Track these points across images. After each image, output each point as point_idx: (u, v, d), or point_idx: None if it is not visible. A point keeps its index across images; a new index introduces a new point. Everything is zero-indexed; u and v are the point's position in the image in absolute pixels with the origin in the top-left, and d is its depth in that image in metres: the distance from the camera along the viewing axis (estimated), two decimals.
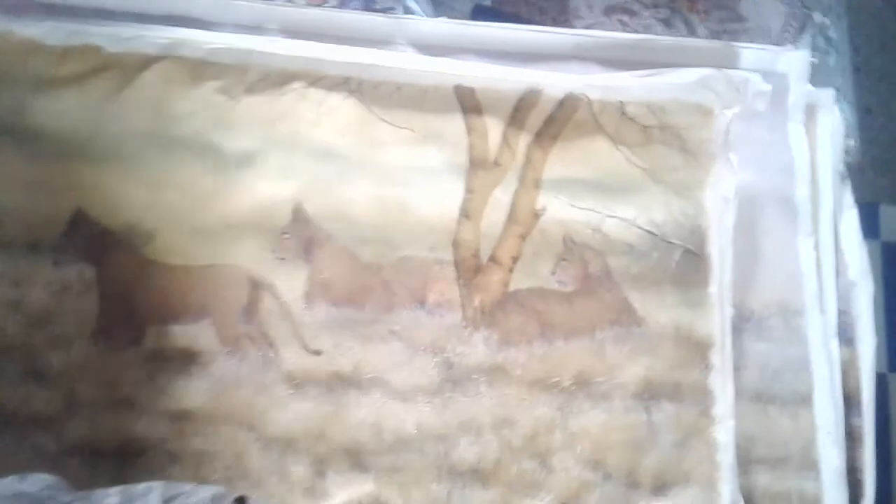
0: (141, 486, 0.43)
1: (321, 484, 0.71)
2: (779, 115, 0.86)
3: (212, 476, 0.70)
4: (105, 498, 0.40)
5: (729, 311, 0.77)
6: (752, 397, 0.78)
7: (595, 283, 0.79)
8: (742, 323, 0.80)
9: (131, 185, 0.76)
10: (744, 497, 0.74)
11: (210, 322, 0.73)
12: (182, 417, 0.71)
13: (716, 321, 0.77)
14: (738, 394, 0.77)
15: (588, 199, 0.79)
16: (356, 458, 0.72)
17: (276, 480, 0.71)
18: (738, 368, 0.78)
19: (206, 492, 0.44)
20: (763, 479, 0.76)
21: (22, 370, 0.71)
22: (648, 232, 0.79)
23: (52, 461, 0.69)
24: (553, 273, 0.78)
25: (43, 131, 0.76)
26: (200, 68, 0.78)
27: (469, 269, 0.78)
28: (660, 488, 0.73)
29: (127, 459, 0.70)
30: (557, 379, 0.75)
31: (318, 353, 0.74)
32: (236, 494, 0.42)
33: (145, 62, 0.78)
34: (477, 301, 0.77)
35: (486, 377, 0.75)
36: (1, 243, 0.75)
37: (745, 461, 0.76)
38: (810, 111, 0.87)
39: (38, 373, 0.71)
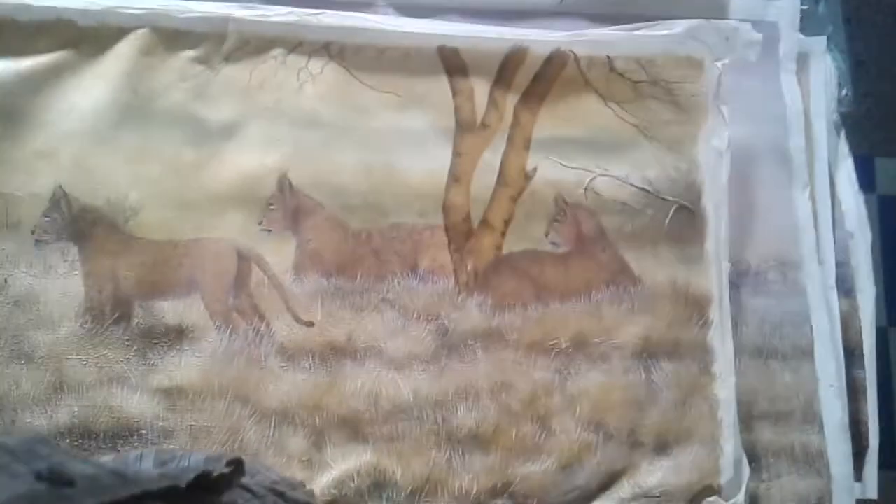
0: (134, 453, 0.43)
1: (319, 456, 0.70)
2: (770, 64, 0.84)
3: (208, 450, 0.69)
4: (104, 469, 0.39)
5: (726, 267, 0.76)
6: (753, 352, 0.77)
7: (589, 244, 0.77)
8: (739, 278, 0.79)
9: (111, 160, 0.74)
10: (747, 452, 0.73)
11: (199, 296, 0.72)
12: (175, 394, 0.70)
13: (713, 277, 0.76)
14: (739, 350, 0.76)
15: (579, 158, 0.78)
16: (354, 429, 0.71)
17: (273, 454, 0.70)
18: (737, 324, 0.77)
19: (199, 455, 0.44)
20: (766, 434, 0.76)
21: (9, 352, 0.69)
22: (641, 189, 0.78)
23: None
24: (546, 234, 0.77)
25: (19, 108, 0.73)
26: (176, 38, 0.76)
27: (460, 233, 0.76)
28: (662, 447, 0.73)
29: (121, 438, 0.69)
30: (555, 341, 0.74)
31: (310, 324, 0.72)
32: (230, 456, 0.41)
33: (119, 34, 0.76)
34: (469, 266, 0.75)
35: (481, 342, 0.74)
36: None
37: (748, 417, 0.76)
38: (802, 60, 0.86)
39: (25, 355, 0.70)
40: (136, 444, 0.69)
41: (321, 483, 0.70)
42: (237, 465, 0.41)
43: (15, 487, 0.27)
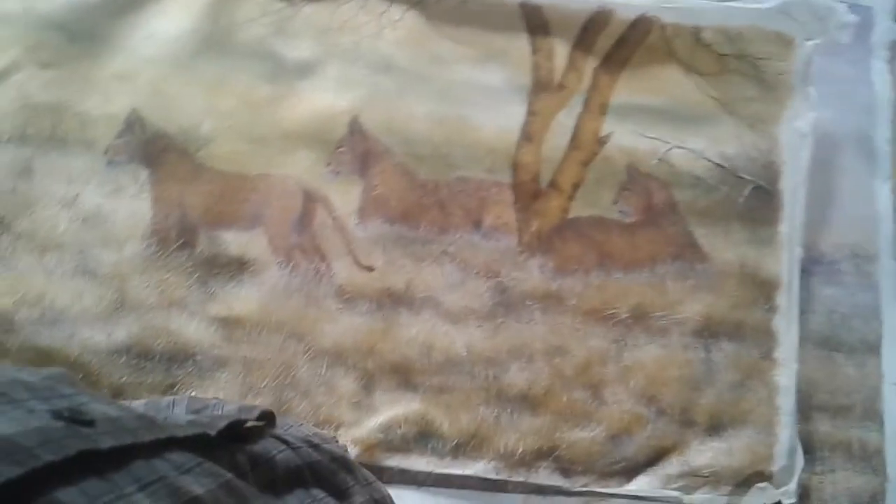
0: (167, 399, 0.43)
1: (368, 399, 0.70)
2: (861, 50, 0.81)
3: (260, 383, 0.69)
4: (130, 413, 0.38)
5: (798, 252, 0.74)
6: (818, 342, 0.75)
7: (658, 215, 0.75)
8: (812, 265, 0.76)
9: (188, 89, 0.74)
10: (802, 443, 0.71)
11: (263, 231, 0.72)
12: (232, 324, 0.70)
13: (784, 261, 0.73)
14: (804, 338, 0.74)
15: (656, 128, 0.75)
16: (404, 376, 0.70)
17: (323, 392, 0.69)
18: (805, 312, 0.75)
19: (232, 405, 0.43)
20: (824, 427, 0.74)
21: (73, 267, 0.70)
22: (718, 165, 0.76)
23: (100, 359, 0.68)
24: (615, 202, 0.75)
25: (102, 30, 0.74)
26: None
27: (528, 193, 0.75)
28: (715, 428, 0.71)
29: (175, 362, 0.69)
30: (614, 311, 0.73)
31: (370, 268, 0.72)
32: (263, 408, 0.41)
33: None
34: (534, 226, 0.74)
35: (540, 304, 0.72)
36: (56, 138, 0.74)
37: (806, 407, 0.74)
38: (894, 49, 0.81)
39: (89, 271, 0.70)
40: (190, 368, 0.69)
41: (368, 426, 0.70)
42: (269, 417, 0.41)
43: (29, 422, 0.26)
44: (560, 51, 0.76)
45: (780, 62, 0.75)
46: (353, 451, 0.69)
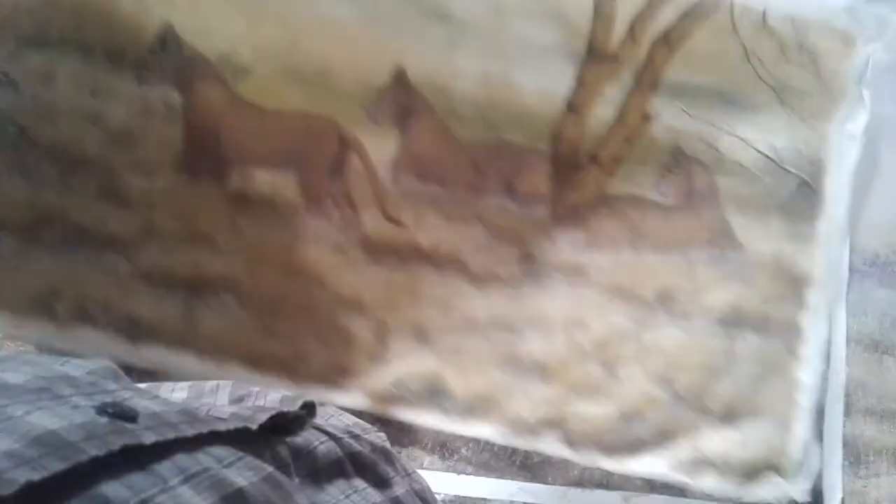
0: (210, 383, 0.42)
1: (384, 351, 0.70)
2: None
3: (277, 324, 0.69)
4: (173, 391, 0.38)
5: (838, 252, 0.73)
6: (868, 345, 0.74)
7: (698, 200, 0.74)
8: (865, 266, 0.75)
9: (228, 12, 0.72)
10: (847, 446, 0.71)
11: (295, 173, 0.70)
12: (257, 262, 0.70)
13: (820, 259, 0.72)
14: (854, 340, 0.73)
15: (707, 111, 0.73)
16: (421, 333, 0.70)
17: (339, 339, 0.70)
18: (856, 314, 0.74)
19: (275, 394, 0.43)
20: (870, 431, 0.73)
21: (99, 189, 0.70)
22: (765, 156, 0.74)
23: (121, 284, 0.68)
24: (655, 183, 0.73)
25: None
26: None
27: (566, 165, 0.73)
28: (729, 417, 0.71)
29: (196, 293, 0.69)
30: (640, 291, 0.72)
31: (399, 223, 0.71)
32: (303, 399, 0.40)
33: None
34: (570, 199, 0.73)
35: (565, 276, 0.72)
36: (80, 46, 0.71)
37: (852, 409, 0.73)
38: None
39: (116, 194, 0.70)
40: (209, 301, 0.69)
41: (381, 378, 0.70)
42: (310, 408, 0.40)
43: (73, 418, 0.26)
44: (621, 18, 0.73)
45: (840, 60, 0.73)
46: (363, 402, 0.70)
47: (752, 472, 0.70)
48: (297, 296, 0.70)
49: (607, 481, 0.69)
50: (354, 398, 0.70)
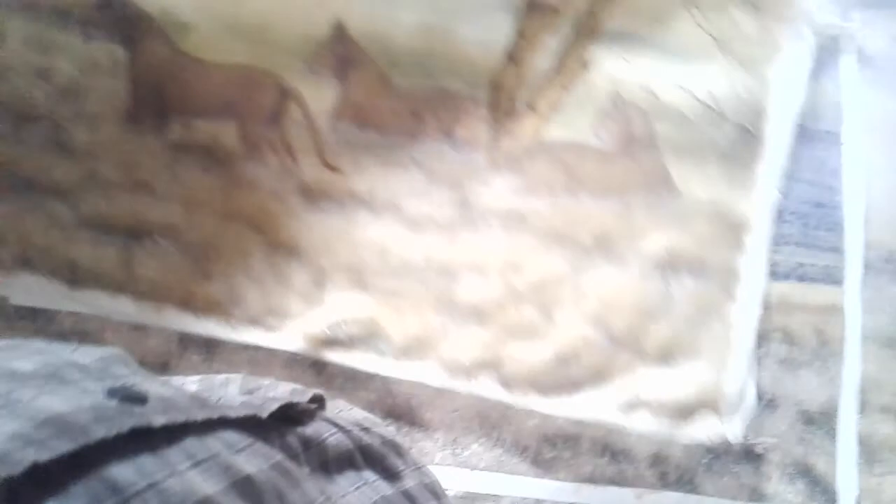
0: (220, 377, 0.43)
1: (319, 294, 0.71)
2: None
3: (213, 268, 0.71)
4: (183, 384, 0.39)
5: (775, 197, 0.73)
6: (884, 342, 0.73)
7: (636, 146, 0.74)
8: (880, 263, 0.75)
9: None
10: (862, 443, 0.70)
11: (234, 123, 0.72)
12: (195, 209, 0.71)
13: (758, 204, 0.72)
14: (869, 337, 0.72)
15: (646, 58, 0.73)
16: (358, 277, 0.72)
17: (275, 283, 0.71)
18: (871, 311, 0.73)
19: (285, 387, 0.44)
20: (884, 428, 0.72)
21: (46, 140, 0.72)
22: (704, 103, 0.74)
23: (63, 231, 0.71)
24: (593, 128, 0.74)
25: None
26: None
27: (504, 111, 0.74)
28: (665, 358, 0.71)
29: (135, 239, 0.71)
30: (577, 235, 0.72)
31: (336, 169, 0.72)
32: (313, 391, 0.42)
33: None
34: (505, 144, 0.73)
35: (501, 221, 0.72)
36: (29, 5, 0.73)
37: (867, 407, 0.72)
38: None
39: (62, 145, 0.72)
40: (147, 246, 0.72)
41: (316, 320, 0.70)
42: (320, 401, 0.42)
43: (81, 401, 0.26)
44: None
45: (782, 5, 0.72)
46: (299, 345, 0.70)
47: (686, 411, 0.69)
48: (235, 241, 0.72)
49: (619, 478, 0.68)
50: (290, 341, 0.70)
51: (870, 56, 0.76)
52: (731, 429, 0.68)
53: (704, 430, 0.68)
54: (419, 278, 0.71)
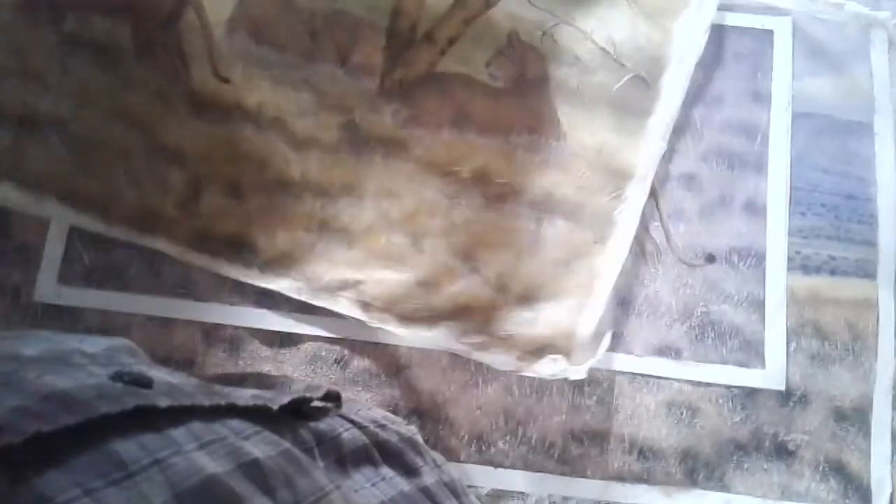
0: (235, 375, 0.44)
1: (195, 201, 0.72)
2: None
3: (95, 164, 0.72)
4: (189, 382, 0.40)
5: (662, 148, 0.69)
6: None
7: (527, 87, 0.73)
8: None
9: None
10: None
11: (129, 21, 0.73)
12: (84, 104, 0.73)
13: (644, 154, 0.69)
14: None
15: (549, 1, 0.73)
16: (234, 188, 0.71)
17: (152, 184, 0.72)
18: None
19: (300, 384, 0.45)
20: None
21: None
22: (602, 49, 0.73)
23: None
24: (487, 65, 0.73)
25: None
26: None
27: (401, 40, 0.74)
28: (527, 298, 0.69)
29: (25, 129, 0.73)
30: (457, 168, 0.70)
31: (226, 80, 0.72)
32: (328, 388, 0.42)
33: None
34: (398, 73, 0.73)
35: (384, 148, 0.71)
36: None
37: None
38: None
39: None
40: (36, 137, 0.73)
41: (187, 225, 0.71)
42: (335, 398, 0.41)
43: (86, 381, 0.26)
44: None
45: None
46: (169, 248, 0.71)
47: (538, 351, 0.69)
48: (118, 139, 0.72)
49: (648, 476, 0.67)
50: (161, 244, 0.71)
51: None
52: (577, 371, 0.67)
53: (549, 367, 0.68)
54: (295, 195, 0.72)
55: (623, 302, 0.69)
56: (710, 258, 0.70)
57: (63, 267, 0.70)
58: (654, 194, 0.70)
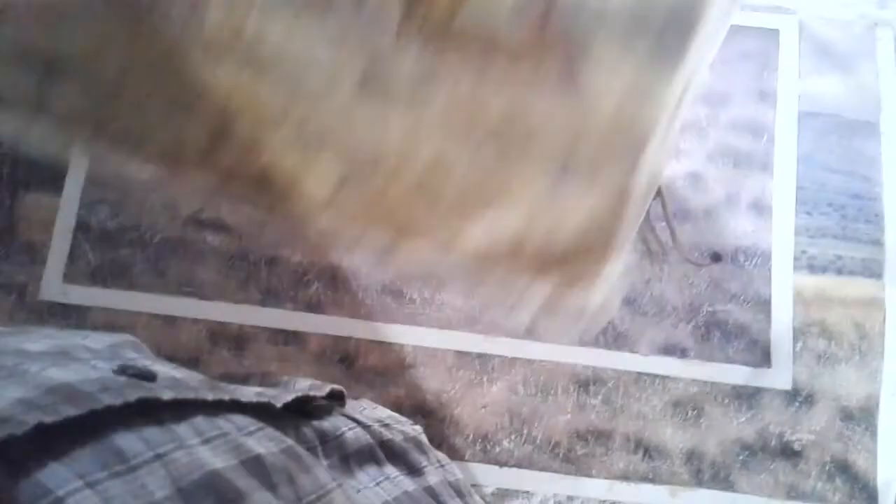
0: (239, 374, 0.44)
1: (221, 142, 0.69)
2: None
3: (122, 106, 0.69)
4: (193, 377, 0.40)
5: (700, 88, 0.68)
6: None
7: (552, 39, 0.72)
8: None
9: None
10: None
11: None
12: (106, 45, 0.70)
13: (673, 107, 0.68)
14: None
15: None
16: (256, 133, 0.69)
17: (182, 121, 0.68)
18: None
19: (304, 382, 0.45)
20: None
21: None
22: None
23: None
24: (510, 13, 0.72)
25: None
26: None
27: None
28: (546, 264, 0.67)
29: (51, 70, 0.70)
30: (473, 125, 0.70)
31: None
32: (332, 386, 0.42)
33: None
34: (420, 12, 0.72)
35: (405, 94, 0.70)
36: None
37: None
38: None
39: None
40: (61, 75, 0.69)
41: (214, 169, 0.68)
42: (339, 397, 0.42)
43: (89, 374, 0.26)
44: None
45: None
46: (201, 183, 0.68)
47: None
48: (143, 81, 0.70)
49: (653, 475, 0.67)
50: (187, 183, 0.68)
51: None
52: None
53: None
54: (311, 140, 0.68)
55: (629, 301, 0.69)
56: (716, 257, 0.70)
57: (68, 265, 0.70)
58: (659, 194, 0.69)
